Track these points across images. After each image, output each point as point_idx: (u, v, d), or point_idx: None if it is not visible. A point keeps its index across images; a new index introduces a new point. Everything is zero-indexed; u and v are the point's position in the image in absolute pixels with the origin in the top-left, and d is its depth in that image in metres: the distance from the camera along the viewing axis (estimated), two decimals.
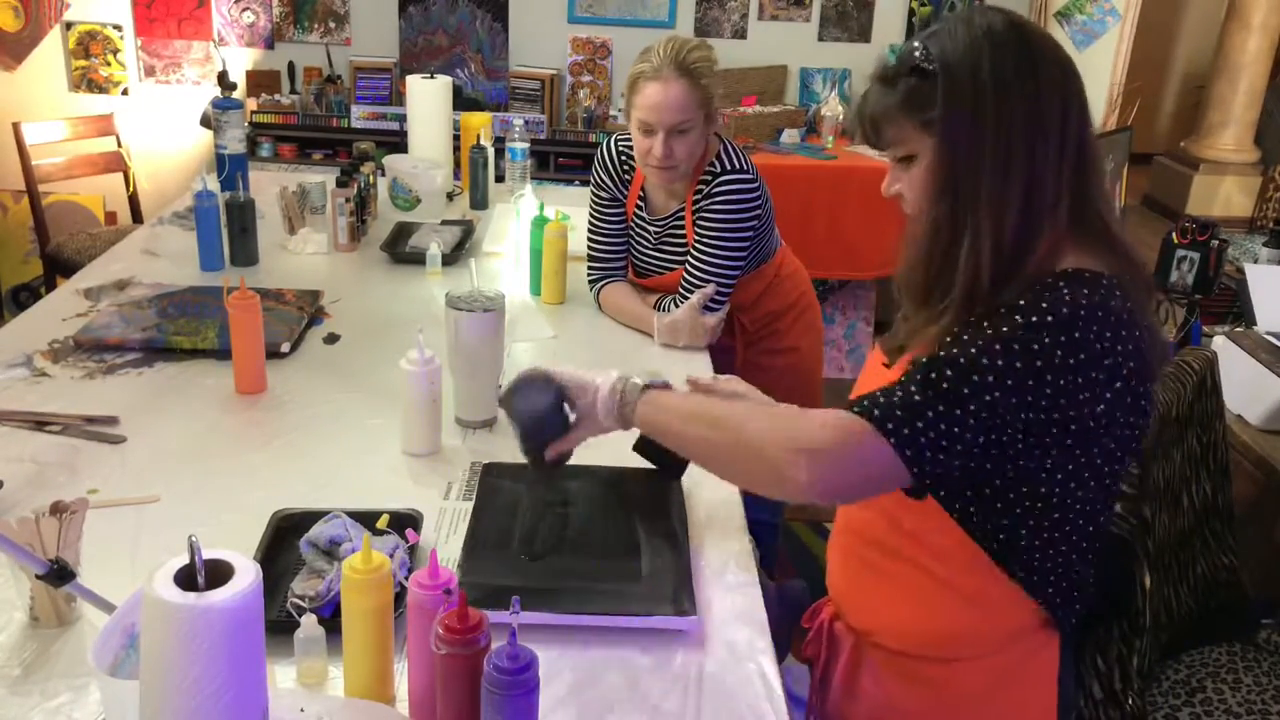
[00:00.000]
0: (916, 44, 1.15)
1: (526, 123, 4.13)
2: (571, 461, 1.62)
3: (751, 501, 1.76)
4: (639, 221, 2.27)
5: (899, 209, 1.24)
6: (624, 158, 2.23)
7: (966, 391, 1.08)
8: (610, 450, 1.54)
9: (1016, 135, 1.10)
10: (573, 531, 1.46)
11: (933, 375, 1.10)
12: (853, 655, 1.37)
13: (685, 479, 1.60)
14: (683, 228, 2.19)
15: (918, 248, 1.19)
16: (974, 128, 1.11)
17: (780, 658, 1.33)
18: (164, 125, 4.46)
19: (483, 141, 2.94)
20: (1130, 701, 1.74)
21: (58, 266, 3.62)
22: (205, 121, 2.79)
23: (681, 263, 2.19)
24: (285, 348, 1.97)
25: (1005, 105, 1.10)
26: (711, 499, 1.59)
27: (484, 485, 1.57)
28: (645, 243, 2.27)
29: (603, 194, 2.27)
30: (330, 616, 1.23)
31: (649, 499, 1.56)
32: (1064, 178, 1.13)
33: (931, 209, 1.16)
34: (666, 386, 1.38)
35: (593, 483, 1.59)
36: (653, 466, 1.55)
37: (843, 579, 1.40)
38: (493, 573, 1.34)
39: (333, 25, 4.45)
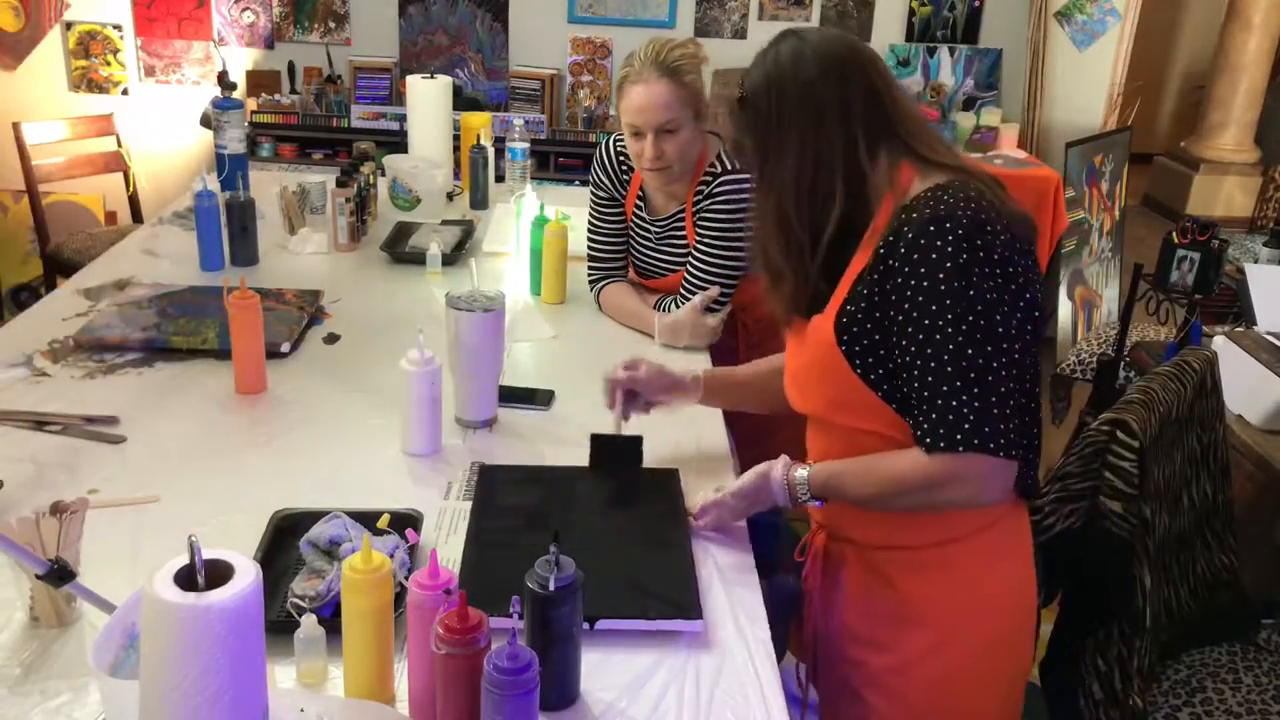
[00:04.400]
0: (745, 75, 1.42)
1: (526, 123, 4.13)
2: (569, 463, 1.63)
3: None
4: (639, 222, 2.27)
5: None
6: (622, 158, 2.23)
7: (978, 358, 1.23)
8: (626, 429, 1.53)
9: (790, 126, 1.34)
10: (573, 533, 1.46)
11: (950, 370, 1.23)
12: (854, 568, 1.44)
13: (683, 481, 1.60)
14: (683, 229, 2.19)
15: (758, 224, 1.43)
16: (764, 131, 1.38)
17: (779, 656, 1.33)
18: (164, 125, 4.46)
19: (483, 141, 2.94)
20: (1130, 701, 1.74)
21: (58, 266, 3.62)
22: (205, 121, 2.79)
23: (683, 264, 2.19)
24: (285, 348, 1.97)
25: (784, 116, 1.35)
26: (711, 496, 1.59)
27: (481, 487, 1.57)
28: (646, 244, 2.27)
29: (601, 194, 2.27)
30: (330, 616, 1.23)
31: (647, 499, 1.57)
32: (855, 137, 1.32)
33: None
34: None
35: (597, 483, 1.59)
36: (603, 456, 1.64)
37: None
38: (494, 574, 1.34)
39: (333, 25, 4.45)
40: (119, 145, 3.93)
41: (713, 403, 1.80)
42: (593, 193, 2.29)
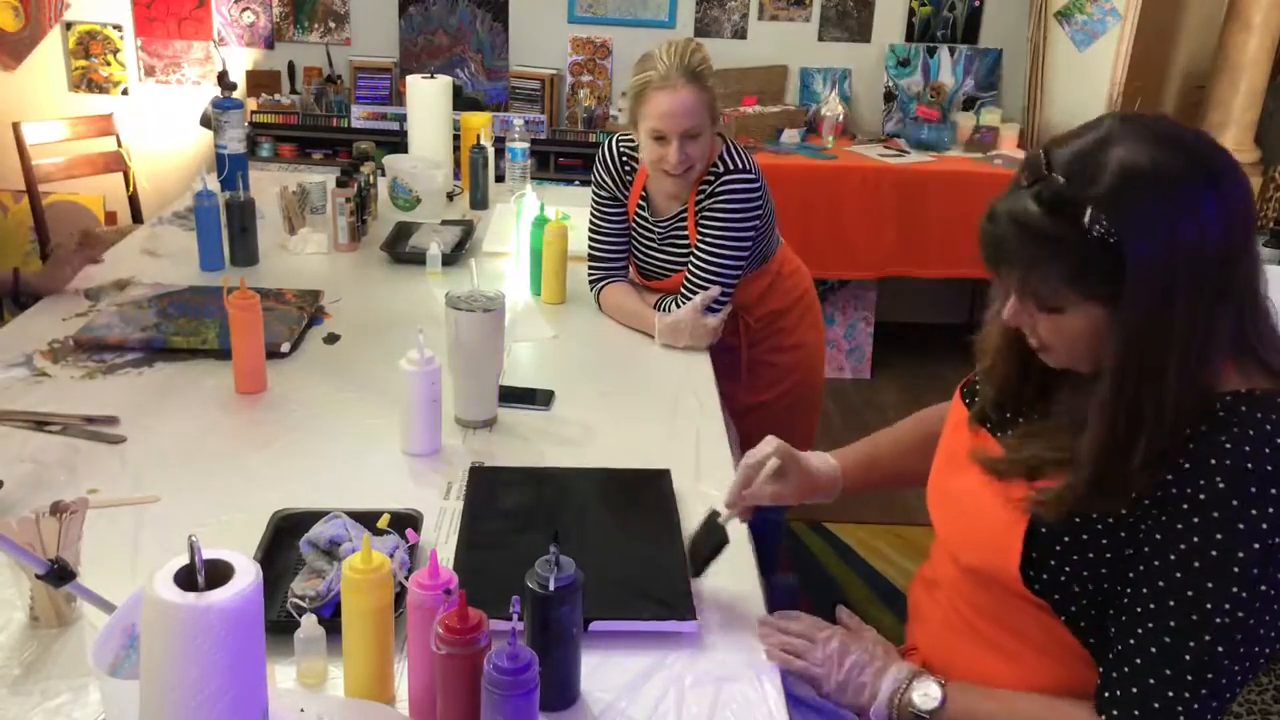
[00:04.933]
0: (1089, 208, 0.98)
1: (526, 123, 4.12)
2: (568, 464, 1.63)
3: None
4: (641, 222, 2.27)
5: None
6: (625, 158, 2.23)
7: (1224, 658, 0.99)
8: (624, 434, 1.53)
9: (1205, 308, 0.99)
10: (565, 534, 1.46)
11: (1189, 659, 0.99)
12: None
13: (678, 478, 1.60)
14: (685, 229, 2.19)
15: (1095, 417, 1.05)
16: (1162, 310, 0.99)
17: None
18: (164, 125, 4.46)
19: (483, 141, 2.94)
20: None
21: None
22: (205, 121, 2.79)
23: (685, 264, 2.19)
24: (285, 347, 1.97)
25: (1198, 281, 0.98)
26: (711, 496, 1.59)
27: (472, 489, 1.56)
28: (648, 244, 2.27)
29: (603, 194, 2.27)
30: (330, 616, 1.23)
31: (639, 499, 1.57)
32: (1233, 319, 1.03)
33: (1109, 379, 1.04)
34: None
35: (586, 484, 1.59)
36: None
37: (940, 636, 1.29)
38: (487, 576, 1.33)
39: (333, 25, 4.45)
40: (119, 145, 3.92)
41: (855, 492, 1.48)
42: (594, 192, 2.29)
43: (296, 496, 1.51)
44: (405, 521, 1.41)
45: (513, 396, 1.85)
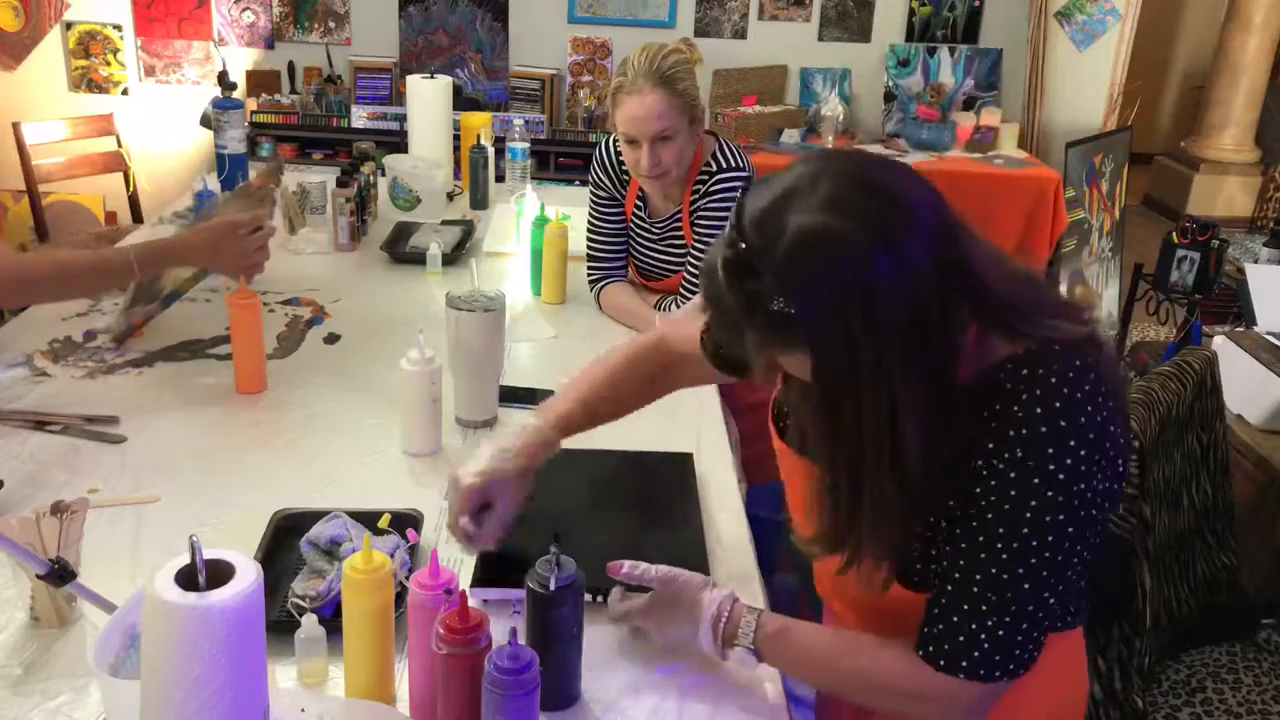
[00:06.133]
0: (766, 280, 0.96)
1: (526, 122, 4.13)
2: (585, 446, 1.58)
3: (753, 498, 1.77)
4: (638, 223, 2.27)
5: None
6: (621, 158, 2.24)
7: (1028, 589, 1.03)
8: (623, 436, 1.53)
9: (894, 363, 0.97)
10: (587, 510, 1.51)
11: (991, 597, 1.04)
12: None
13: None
14: (681, 228, 2.19)
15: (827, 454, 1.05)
16: (850, 375, 0.97)
17: None
18: (164, 125, 4.46)
19: (483, 141, 2.94)
20: (1130, 701, 1.74)
21: None
22: (205, 121, 2.79)
23: (684, 264, 2.19)
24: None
25: (881, 338, 0.96)
26: (711, 495, 1.59)
27: None
28: (646, 244, 2.27)
29: (601, 194, 2.28)
30: (331, 616, 1.23)
31: (662, 482, 1.60)
32: (961, 313, 1.01)
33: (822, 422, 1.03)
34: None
35: (611, 464, 1.63)
36: None
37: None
38: (512, 551, 1.32)
39: (333, 25, 4.45)
40: (119, 145, 3.93)
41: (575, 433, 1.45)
42: (592, 193, 2.29)
43: (296, 496, 1.51)
44: (406, 521, 1.41)
45: (513, 396, 1.85)
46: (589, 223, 2.31)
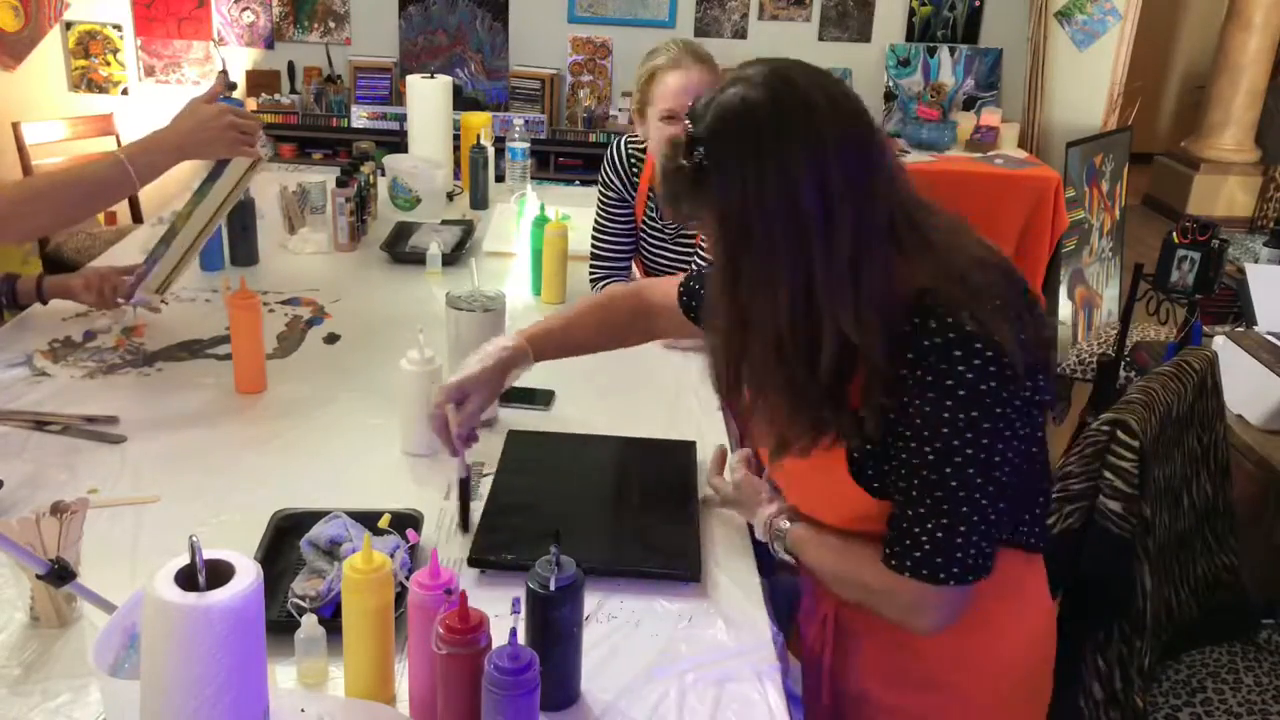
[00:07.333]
0: (696, 143, 1.14)
1: (526, 122, 4.13)
2: (589, 430, 1.74)
3: None
4: (649, 224, 2.27)
5: None
6: (633, 160, 2.24)
7: (962, 495, 1.14)
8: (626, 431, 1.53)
9: (791, 255, 1.10)
10: (588, 493, 1.54)
11: (929, 502, 1.15)
12: (869, 634, 1.35)
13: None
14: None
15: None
16: (740, 248, 1.12)
17: (780, 655, 1.33)
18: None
19: (483, 141, 2.94)
20: (1130, 701, 1.74)
21: (58, 266, 3.62)
22: None
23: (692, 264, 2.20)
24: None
25: (776, 234, 1.09)
26: (711, 494, 1.59)
27: (509, 446, 1.66)
28: (657, 245, 2.27)
29: (610, 194, 2.29)
30: (331, 616, 1.23)
31: (664, 467, 1.63)
32: (850, 228, 1.10)
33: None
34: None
35: (616, 449, 1.67)
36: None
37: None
38: (509, 524, 1.42)
39: (333, 25, 4.45)
40: (119, 145, 3.93)
41: (546, 358, 1.62)
42: (601, 192, 2.30)
43: (296, 496, 1.51)
44: (406, 521, 1.41)
45: (513, 396, 1.85)
46: (595, 222, 2.31)
